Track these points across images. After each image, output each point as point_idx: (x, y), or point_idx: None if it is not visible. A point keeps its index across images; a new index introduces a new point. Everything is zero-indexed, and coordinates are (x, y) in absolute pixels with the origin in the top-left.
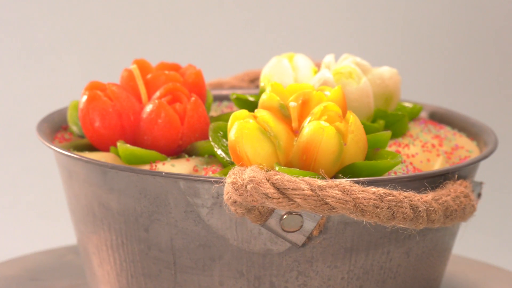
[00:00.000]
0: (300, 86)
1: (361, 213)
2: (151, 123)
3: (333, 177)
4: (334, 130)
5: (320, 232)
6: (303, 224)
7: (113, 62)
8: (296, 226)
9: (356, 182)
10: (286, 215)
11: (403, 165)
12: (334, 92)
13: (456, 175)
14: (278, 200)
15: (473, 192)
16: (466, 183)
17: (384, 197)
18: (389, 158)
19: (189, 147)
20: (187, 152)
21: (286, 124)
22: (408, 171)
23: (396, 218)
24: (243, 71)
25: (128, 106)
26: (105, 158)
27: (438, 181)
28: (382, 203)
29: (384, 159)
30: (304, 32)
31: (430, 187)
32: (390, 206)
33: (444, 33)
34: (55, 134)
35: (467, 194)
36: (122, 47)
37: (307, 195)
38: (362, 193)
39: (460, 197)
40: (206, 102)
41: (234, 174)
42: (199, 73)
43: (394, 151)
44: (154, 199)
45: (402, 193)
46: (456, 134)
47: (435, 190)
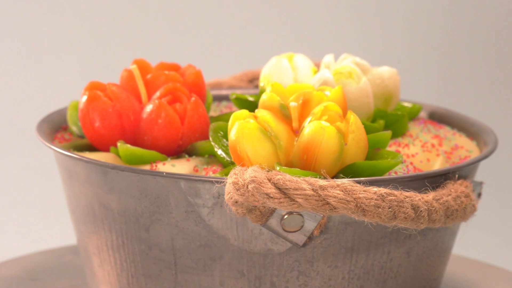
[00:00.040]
0: (300, 86)
1: (362, 213)
2: (151, 123)
3: (334, 177)
4: (335, 130)
5: (321, 232)
6: (304, 224)
7: (112, 62)
8: (297, 226)
9: (357, 182)
10: (287, 215)
11: (404, 165)
12: (334, 92)
13: (456, 175)
14: (280, 200)
15: (473, 192)
16: (466, 183)
17: (385, 197)
18: (389, 158)
19: (189, 147)
20: (187, 152)
21: (287, 124)
22: (408, 171)
23: (397, 218)
24: (242, 71)
25: (128, 106)
26: (105, 158)
27: (438, 181)
28: (384, 203)
29: (384, 159)
30: (303, 32)
31: (431, 187)
32: (392, 206)
33: (443, 33)
34: (55, 134)
35: (468, 194)
36: (120, 47)
37: (309, 195)
38: (364, 193)
39: (461, 197)
40: (206, 102)
41: (235, 174)
42: (199, 73)
43: (394, 151)
44: (155, 199)
45: (403, 193)
46: (455, 134)
47: (436, 190)
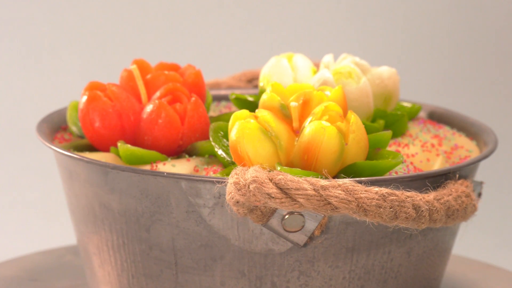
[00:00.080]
0: (300, 86)
1: (364, 213)
2: (152, 123)
3: (334, 177)
4: (336, 130)
5: (321, 232)
6: (305, 224)
7: (111, 62)
8: (298, 226)
9: (358, 182)
10: (288, 215)
11: (404, 164)
12: (334, 92)
13: (457, 175)
14: (281, 200)
15: (473, 191)
16: (467, 183)
17: (386, 197)
18: (390, 158)
19: (189, 147)
20: (187, 152)
21: (287, 124)
22: (409, 171)
23: (398, 218)
24: (240, 71)
25: (128, 106)
26: (105, 159)
27: (439, 180)
28: (385, 203)
29: (385, 159)
30: (302, 32)
31: (431, 187)
32: (393, 206)
33: (443, 32)
34: (55, 134)
35: (469, 194)
36: (120, 48)
37: (310, 195)
38: (365, 193)
39: (461, 196)
40: (206, 102)
41: (236, 174)
42: (199, 73)
43: (394, 151)
44: (156, 199)
45: (404, 193)
46: (455, 133)
47: (437, 190)
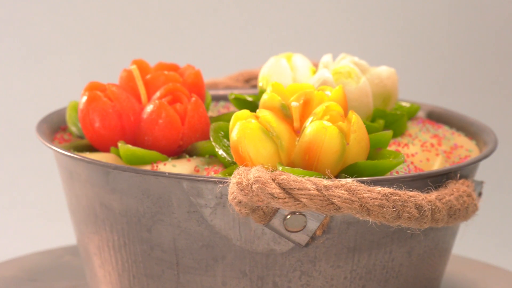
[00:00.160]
0: (300, 86)
1: (366, 213)
2: (152, 124)
3: (336, 176)
4: (337, 130)
5: (323, 232)
6: (307, 224)
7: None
8: (299, 226)
9: (361, 182)
10: (289, 215)
11: (405, 164)
12: (335, 92)
13: (458, 175)
14: (284, 200)
15: (474, 191)
16: (468, 182)
17: (389, 196)
18: (391, 157)
19: (189, 147)
20: (188, 152)
21: (288, 124)
22: (410, 171)
23: (401, 217)
24: (238, 71)
25: (128, 106)
26: (105, 159)
27: (440, 180)
28: (388, 203)
29: (386, 159)
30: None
31: (433, 187)
32: (396, 206)
33: (441, 32)
34: (54, 134)
35: (470, 194)
36: (118, 48)
37: (313, 195)
38: (368, 192)
39: (463, 196)
40: (205, 102)
41: (239, 174)
42: (198, 73)
43: (394, 151)
44: (157, 200)
45: (407, 192)
46: (454, 133)
47: (438, 189)
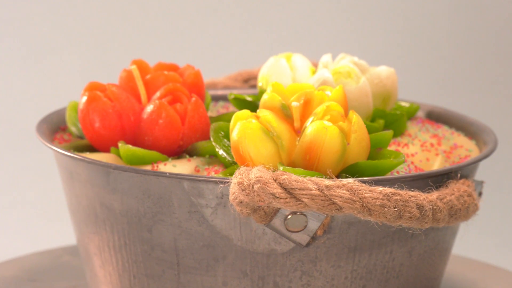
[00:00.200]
0: (301, 86)
1: (368, 212)
2: (152, 124)
3: (336, 176)
4: (337, 130)
5: (324, 232)
6: (308, 224)
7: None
8: (300, 226)
9: (362, 182)
10: (290, 215)
11: (405, 164)
12: (335, 91)
13: (458, 174)
14: (286, 200)
15: (475, 191)
16: (468, 182)
17: (391, 196)
18: (392, 157)
19: (189, 148)
20: (188, 152)
21: (288, 124)
22: (410, 171)
23: (402, 217)
24: (236, 71)
25: (128, 106)
26: (106, 159)
27: (441, 180)
28: (389, 203)
29: (387, 159)
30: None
31: (434, 186)
32: (397, 206)
33: (441, 32)
34: (54, 135)
35: (470, 193)
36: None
37: (315, 195)
38: (369, 192)
39: (463, 196)
40: (205, 103)
41: (240, 174)
42: (198, 73)
43: (395, 151)
44: (158, 200)
45: (408, 192)
46: (454, 133)
47: (439, 189)
